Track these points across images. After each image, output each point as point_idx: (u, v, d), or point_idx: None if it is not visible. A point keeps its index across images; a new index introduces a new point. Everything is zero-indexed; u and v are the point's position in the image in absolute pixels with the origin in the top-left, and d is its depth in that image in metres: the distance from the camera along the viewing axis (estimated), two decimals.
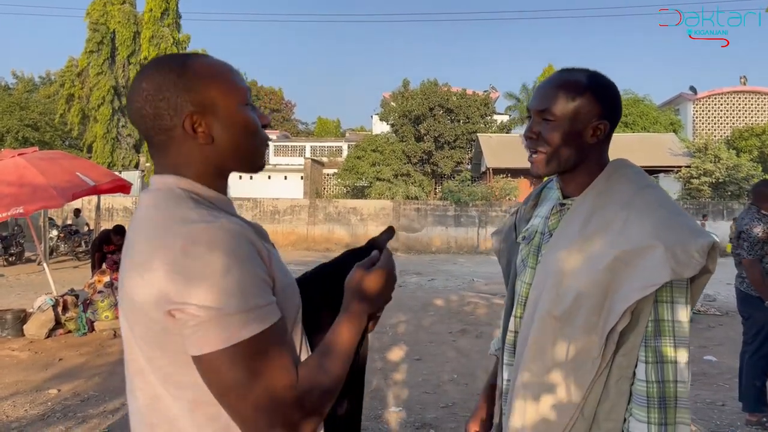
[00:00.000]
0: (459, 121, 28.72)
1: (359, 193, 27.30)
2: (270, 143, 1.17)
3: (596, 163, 1.44)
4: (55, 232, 16.66)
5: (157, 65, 1.09)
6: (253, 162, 1.16)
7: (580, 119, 1.38)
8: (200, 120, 1.07)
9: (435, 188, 28.94)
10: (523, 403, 1.40)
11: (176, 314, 0.96)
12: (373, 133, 32.44)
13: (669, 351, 1.30)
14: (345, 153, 33.61)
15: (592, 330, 1.30)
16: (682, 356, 1.30)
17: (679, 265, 1.25)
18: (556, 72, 1.48)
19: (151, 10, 26.72)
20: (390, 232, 1.29)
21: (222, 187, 1.14)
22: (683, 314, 1.31)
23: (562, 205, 1.49)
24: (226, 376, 0.96)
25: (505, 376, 1.56)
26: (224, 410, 1.00)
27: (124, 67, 29.63)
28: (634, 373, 1.32)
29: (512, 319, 1.54)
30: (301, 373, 1.02)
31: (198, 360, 0.97)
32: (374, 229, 22.48)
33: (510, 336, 1.55)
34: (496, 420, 1.58)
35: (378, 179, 25.70)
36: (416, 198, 24.48)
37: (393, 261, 1.18)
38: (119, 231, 8.37)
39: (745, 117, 30.99)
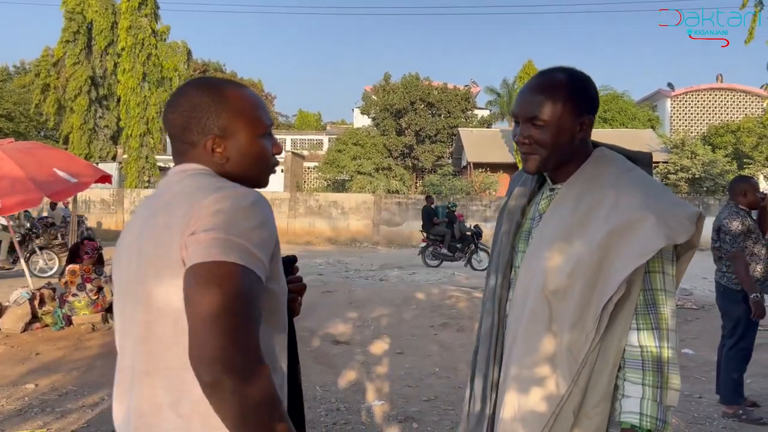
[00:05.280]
0: (440, 115, 28.77)
1: (340, 186, 27.23)
2: None
3: (583, 153, 1.51)
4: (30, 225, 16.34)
5: (197, 86, 1.25)
6: (256, 185, 1.31)
7: (568, 119, 1.43)
8: (221, 143, 1.23)
9: (416, 182, 28.97)
10: (519, 377, 1.42)
11: (188, 241, 1.06)
12: (354, 127, 32.37)
13: (664, 318, 1.37)
14: (326, 146, 33.53)
15: (586, 304, 1.35)
16: (673, 323, 1.38)
17: (672, 231, 1.31)
18: (537, 75, 1.51)
19: None
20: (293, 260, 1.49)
21: None
22: (671, 285, 1.40)
23: (552, 190, 1.55)
24: (205, 292, 1.01)
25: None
26: (188, 325, 1.03)
27: (101, 57, 29.09)
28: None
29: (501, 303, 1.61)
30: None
31: (187, 272, 1.04)
32: (355, 223, 22.46)
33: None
34: (488, 411, 1.57)
35: (359, 173, 25.67)
36: (397, 192, 24.49)
37: None
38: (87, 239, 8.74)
39: (721, 114, 31.47)
